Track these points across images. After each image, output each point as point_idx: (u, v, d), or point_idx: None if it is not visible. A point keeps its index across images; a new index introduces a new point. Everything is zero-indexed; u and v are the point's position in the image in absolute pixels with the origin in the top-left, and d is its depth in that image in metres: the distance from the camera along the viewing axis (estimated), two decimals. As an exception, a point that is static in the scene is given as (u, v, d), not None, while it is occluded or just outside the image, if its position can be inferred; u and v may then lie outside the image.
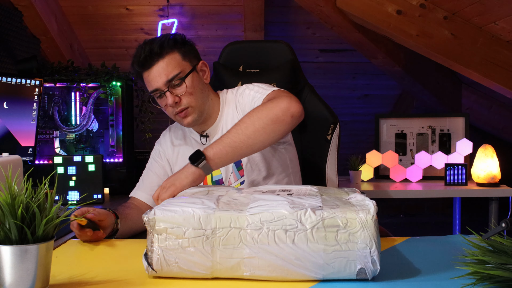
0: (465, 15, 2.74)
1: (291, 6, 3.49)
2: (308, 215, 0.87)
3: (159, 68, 1.42)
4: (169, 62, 1.43)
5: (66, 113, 2.55)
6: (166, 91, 1.43)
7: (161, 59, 1.42)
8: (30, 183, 0.86)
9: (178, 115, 1.47)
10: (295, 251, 0.87)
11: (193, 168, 1.22)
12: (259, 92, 1.45)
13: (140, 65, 1.44)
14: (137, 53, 1.44)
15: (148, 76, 1.44)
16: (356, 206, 0.91)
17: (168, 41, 1.44)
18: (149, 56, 1.41)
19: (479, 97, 3.98)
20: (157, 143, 1.68)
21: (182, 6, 3.33)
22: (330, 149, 1.74)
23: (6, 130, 2.14)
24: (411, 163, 2.97)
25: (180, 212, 0.91)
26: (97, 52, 3.58)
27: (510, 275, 0.78)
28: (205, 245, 0.89)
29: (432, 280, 0.90)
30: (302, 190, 1.07)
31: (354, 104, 4.34)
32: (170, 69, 1.42)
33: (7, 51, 2.67)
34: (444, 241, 1.18)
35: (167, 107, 1.47)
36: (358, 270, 0.86)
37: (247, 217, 0.89)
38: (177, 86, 1.44)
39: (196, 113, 1.48)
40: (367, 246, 0.85)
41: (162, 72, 1.42)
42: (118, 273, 0.98)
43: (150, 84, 1.45)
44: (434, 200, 4.85)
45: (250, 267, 0.89)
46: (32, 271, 0.81)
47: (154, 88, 1.44)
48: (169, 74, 1.42)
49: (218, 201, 0.98)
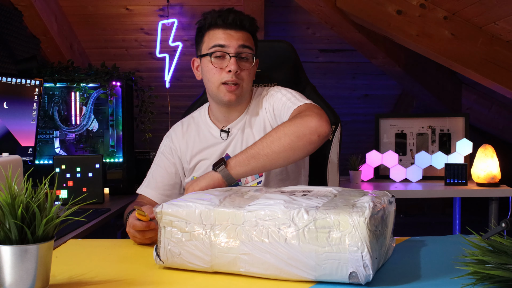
0: (465, 15, 2.74)
1: (291, 6, 3.49)
2: (300, 215, 0.87)
3: (240, 34, 1.42)
4: (249, 37, 1.45)
5: (66, 113, 2.55)
6: (232, 56, 1.41)
7: (245, 31, 1.44)
8: (30, 183, 0.86)
9: (227, 87, 1.42)
10: (288, 251, 0.87)
11: (212, 172, 1.24)
12: (291, 101, 1.43)
13: (225, 22, 1.42)
14: (225, 12, 1.43)
15: (223, 33, 1.42)
16: (355, 208, 0.88)
17: (255, 23, 1.47)
18: (239, 21, 1.42)
19: (479, 97, 3.98)
20: (166, 137, 1.60)
21: (182, 6, 3.33)
22: (331, 149, 1.73)
23: (6, 130, 2.14)
24: (411, 163, 2.97)
25: (184, 207, 0.96)
26: (97, 52, 3.58)
27: (510, 275, 0.78)
28: (205, 240, 0.93)
29: (432, 280, 0.90)
30: (321, 191, 1.05)
31: (354, 104, 4.34)
32: (248, 42, 1.44)
33: (7, 51, 2.67)
34: (444, 241, 1.18)
35: (221, 70, 1.41)
36: (350, 273, 0.84)
37: (243, 214, 0.91)
38: (244, 59, 1.44)
39: (242, 94, 1.46)
40: (358, 249, 0.83)
41: (241, 38, 1.42)
42: (118, 273, 0.98)
43: (221, 40, 1.41)
44: (434, 200, 4.85)
45: (246, 264, 0.90)
46: (32, 271, 0.81)
47: (224, 43, 1.41)
48: (247, 43, 1.43)
49: (224, 199, 0.99)
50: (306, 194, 1.02)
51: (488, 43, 2.78)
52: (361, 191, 1.07)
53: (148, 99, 2.83)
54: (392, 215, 1.02)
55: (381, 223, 0.91)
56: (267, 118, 1.50)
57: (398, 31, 2.92)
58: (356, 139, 4.53)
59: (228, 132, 1.51)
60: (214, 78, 1.43)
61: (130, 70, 2.80)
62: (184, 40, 3.49)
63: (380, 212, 0.91)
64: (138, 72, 3.34)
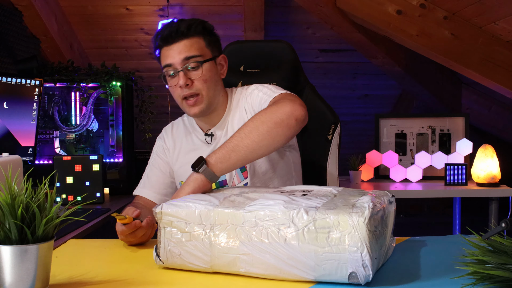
0: (465, 15, 2.74)
1: (291, 6, 3.49)
2: (300, 215, 0.87)
3: (180, 45, 1.39)
4: (192, 43, 1.40)
5: (66, 113, 2.55)
6: (180, 70, 1.39)
7: (185, 38, 1.40)
8: (30, 183, 0.86)
9: (186, 102, 1.42)
10: (287, 251, 0.87)
11: (195, 174, 1.19)
12: (267, 94, 1.42)
13: (163, 39, 1.41)
14: (163, 28, 1.42)
15: (167, 51, 1.41)
16: (355, 208, 0.88)
17: (197, 25, 1.42)
18: (174, 32, 1.40)
19: (479, 97, 3.98)
20: (159, 138, 1.62)
21: (182, 6, 3.33)
22: (331, 149, 1.73)
23: (6, 130, 2.14)
24: (411, 163, 2.97)
25: (184, 207, 0.96)
26: (97, 52, 3.58)
27: (510, 275, 0.78)
28: (205, 240, 0.93)
29: (432, 280, 0.90)
30: (321, 191, 1.05)
31: (354, 104, 4.34)
32: (192, 50, 1.40)
33: (7, 51, 2.67)
34: (444, 241, 1.18)
35: (176, 88, 1.41)
36: (350, 274, 0.84)
37: (243, 215, 0.90)
38: (193, 69, 1.40)
39: (205, 104, 1.43)
40: (358, 250, 0.82)
41: (183, 50, 1.39)
42: (118, 273, 0.98)
43: (166, 59, 1.41)
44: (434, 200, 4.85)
45: (245, 264, 0.90)
46: (32, 271, 0.81)
47: (169, 63, 1.40)
48: (188, 53, 1.39)
49: (224, 199, 0.99)
50: (305, 194, 1.01)
51: (488, 43, 2.78)
52: (361, 191, 1.06)
53: (148, 99, 2.83)
54: (392, 215, 1.02)
55: (381, 223, 0.91)
56: (247, 118, 1.46)
57: (398, 31, 2.92)
58: (356, 139, 4.53)
59: (212, 136, 1.51)
60: (175, 96, 1.45)
61: (130, 70, 2.80)
62: (184, 40, 3.49)
63: (380, 212, 0.91)
64: (138, 72, 3.34)
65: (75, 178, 2.12)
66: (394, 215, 1.04)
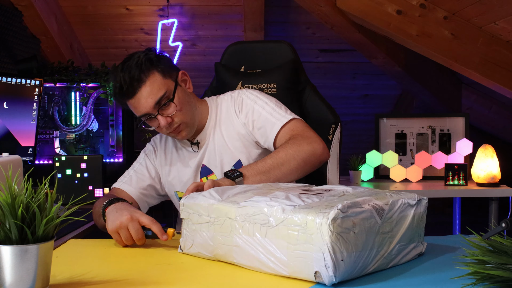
0: (465, 15, 2.74)
1: (291, 6, 3.49)
2: (277, 212, 0.91)
3: (143, 93, 1.38)
4: (152, 84, 1.38)
5: (66, 113, 2.55)
6: (156, 115, 1.40)
7: (143, 84, 1.37)
8: (30, 183, 0.86)
9: (171, 133, 1.46)
10: (266, 245, 0.92)
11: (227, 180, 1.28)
12: (273, 116, 1.45)
13: (124, 95, 1.39)
14: (117, 83, 1.39)
15: (134, 102, 1.40)
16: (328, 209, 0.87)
17: (145, 63, 1.38)
18: (130, 84, 1.37)
19: (479, 97, 3.98)
20: (149, 144, 1.64)
21: (182, 6, 3.33)
22: (331, 149, 1.73)
23: (6, 130, 2.14)
24: (411, 163, 2.97)
25: (197, 201, 1.06)
26: (97, 52, 3.58)
27: (510, 275, 0.78)
28: (209, 231, 1.02)
29: (432, 280, 0.90)
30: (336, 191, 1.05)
31: (354, 104, 4.34)
32: (155, 91, 1.38)
33: (7, 51, 2.67)
34: (444, 241, 1.18)
35: (160, 128, 1.44)
36: (315, 272, 0.85)
37: (237, 210, 0.98)
38: (166, 106, 1.40)
39: (189, 127, 1.46)
40: (320, 250, 0.84)
41: (148, 97, 1.38)
42: (118, 273, 0.98)
43: (138, 110, 1.41)
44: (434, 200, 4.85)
45: (237, 256, 0.98)
46: (32, 271, 0.81)
47: (143, 113, 1.40)
48: (155, 96, 1.38)
49: (229, 195, 1.07)
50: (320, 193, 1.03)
51: (488, 43, 2.78)
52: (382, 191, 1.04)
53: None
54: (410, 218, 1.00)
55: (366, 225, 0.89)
56: (240, 127, 1.50)
57: (398, 31, 2.92)
58: (356, 139, 4.53)
59: (198, 144, 1.53)
60: (162, 132, 1.49)
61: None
62: (184, 40, 3.49)
63: (365, 213, 0.89)
64: (138, 72, 3.34)
65: (75, 178, 2.12)
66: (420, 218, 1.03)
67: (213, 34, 3.54)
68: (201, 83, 3.76)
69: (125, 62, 1.40)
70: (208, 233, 1.03)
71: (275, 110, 1.47)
